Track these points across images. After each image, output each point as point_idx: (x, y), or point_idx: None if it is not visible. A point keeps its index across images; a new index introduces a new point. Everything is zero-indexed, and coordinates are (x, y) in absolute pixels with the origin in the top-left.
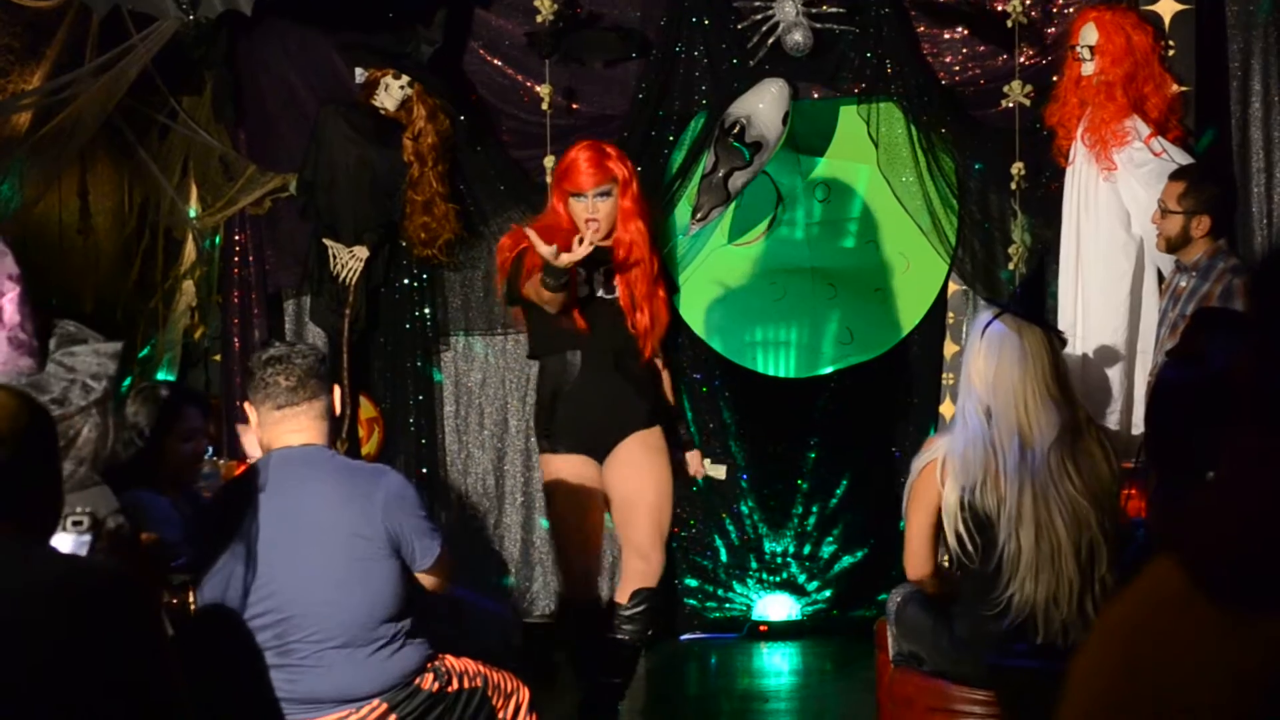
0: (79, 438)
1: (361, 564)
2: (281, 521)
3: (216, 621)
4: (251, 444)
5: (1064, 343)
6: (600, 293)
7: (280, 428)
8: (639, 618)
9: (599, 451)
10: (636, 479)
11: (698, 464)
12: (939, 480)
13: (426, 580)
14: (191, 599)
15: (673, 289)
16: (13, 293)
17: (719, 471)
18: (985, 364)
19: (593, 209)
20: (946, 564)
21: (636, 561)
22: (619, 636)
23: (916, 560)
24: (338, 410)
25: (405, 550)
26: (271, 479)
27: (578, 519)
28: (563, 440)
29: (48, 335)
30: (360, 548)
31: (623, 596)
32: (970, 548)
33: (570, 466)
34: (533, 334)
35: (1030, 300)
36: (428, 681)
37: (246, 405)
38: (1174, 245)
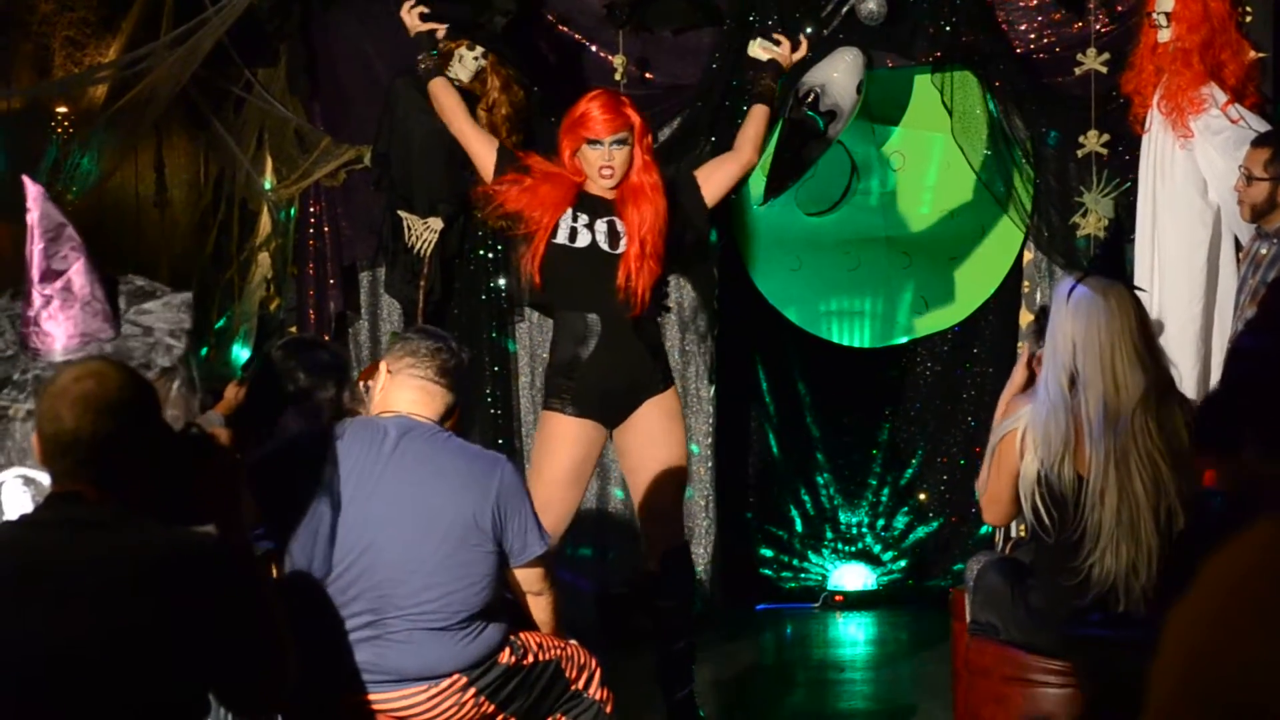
0: (168, 398)
1: (469, 551)
2: (397, 497)
3: (299, 590)
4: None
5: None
6: (605, 246)
7: (409, 392)
8: (680, 573)
9: (614, 419)
10: (656, 449)
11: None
12: (1018, 451)
13: (523, 579)
14: (274, 569)
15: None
16: (79, 262)
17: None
18: (1073, 327)
19: (608, 156)
20: (1023, 534)
21: (657, 527)
22: (666, 603)
23: (998, 506)
24: (451, 423)
25: (506, 542)
26: (391, 452)
27: (564, 485)
28: (578, 404)
29: (115, 294)
30: (472, 535)
31: (654, 563)
32: (1047, 521)
33: (580, 431)
34: (546, 283)
35: (1108, 268)
36: (504, 655)
37: (382, 364)
38: (1259, 212)
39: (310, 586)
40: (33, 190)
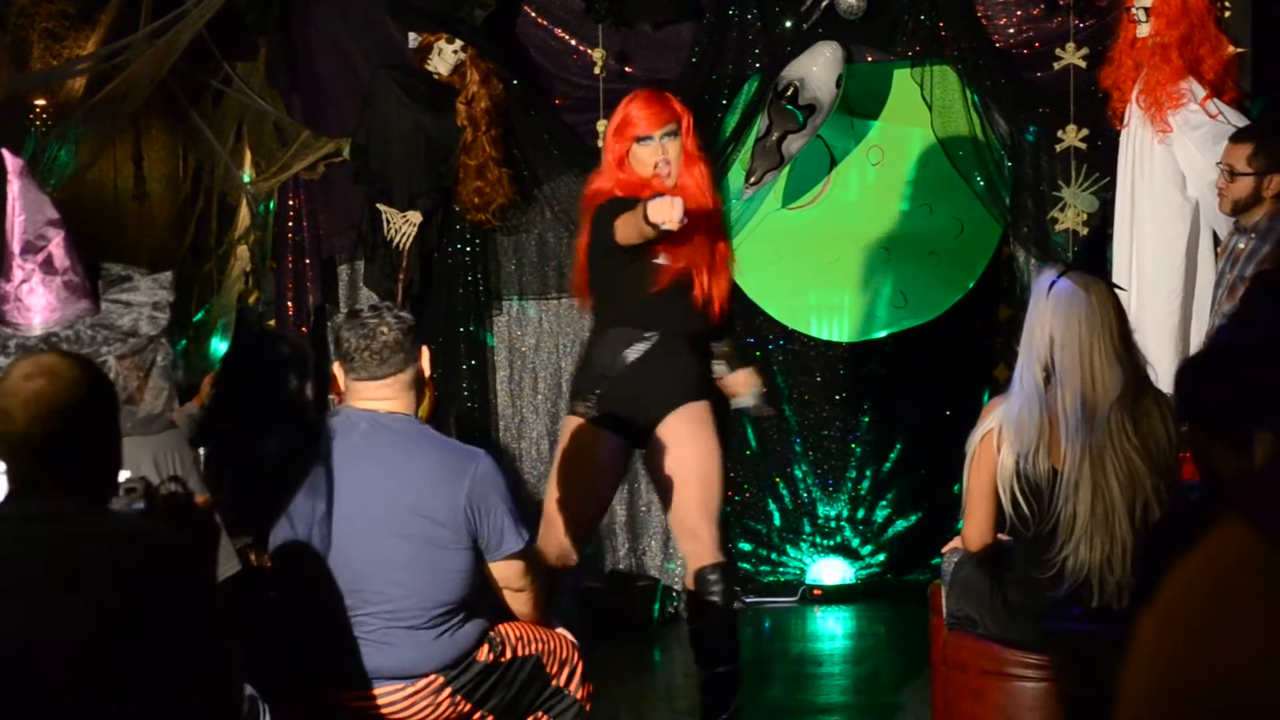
0: (154, 368)
1: (435, 550)
2: (364, 494)
3: (290, 582)
4: None
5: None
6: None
7: (365, 394)
8: (712, 595)
9: (637, 432)
10: (678, 457)
11: (742, 386)
12: (995, 448)
13: (501, 575)
14: (255, 560)
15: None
16: (57, 237)
17: (749, 402)
18: (1052, 321)
19: (662, 150)
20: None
21: (688, 544)
22: (699, 623)
23: (976, 532)
24: (427, 372)
25: (482, 538)
26: (361, 445)
27: (583, 492)
28: (603, 413)
29: (95, 274)
30: (436, 534)
31: (689, 581)
32: (1026, 512)
33: (599, 442)
34: (607, 298)
35: (1087, 262)
36: (483, 653)
37: (335, 367)
38: (1243, 207)
39: (288, 585)
40: (13, 164)
